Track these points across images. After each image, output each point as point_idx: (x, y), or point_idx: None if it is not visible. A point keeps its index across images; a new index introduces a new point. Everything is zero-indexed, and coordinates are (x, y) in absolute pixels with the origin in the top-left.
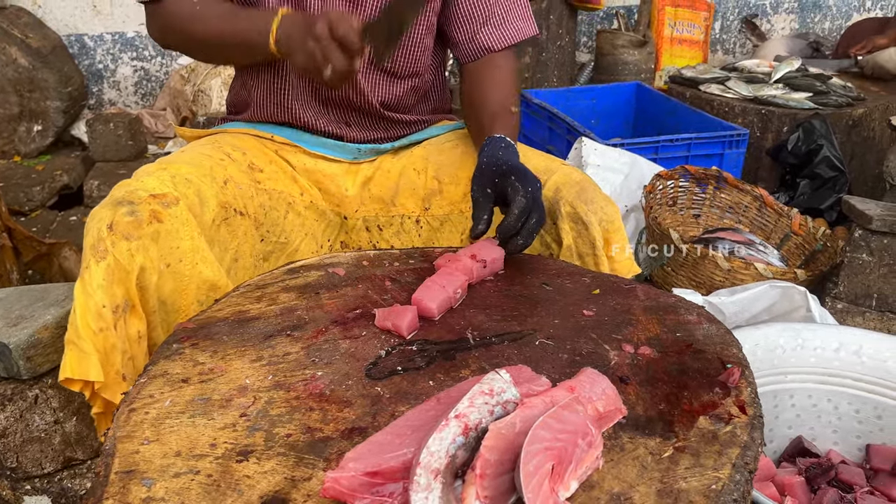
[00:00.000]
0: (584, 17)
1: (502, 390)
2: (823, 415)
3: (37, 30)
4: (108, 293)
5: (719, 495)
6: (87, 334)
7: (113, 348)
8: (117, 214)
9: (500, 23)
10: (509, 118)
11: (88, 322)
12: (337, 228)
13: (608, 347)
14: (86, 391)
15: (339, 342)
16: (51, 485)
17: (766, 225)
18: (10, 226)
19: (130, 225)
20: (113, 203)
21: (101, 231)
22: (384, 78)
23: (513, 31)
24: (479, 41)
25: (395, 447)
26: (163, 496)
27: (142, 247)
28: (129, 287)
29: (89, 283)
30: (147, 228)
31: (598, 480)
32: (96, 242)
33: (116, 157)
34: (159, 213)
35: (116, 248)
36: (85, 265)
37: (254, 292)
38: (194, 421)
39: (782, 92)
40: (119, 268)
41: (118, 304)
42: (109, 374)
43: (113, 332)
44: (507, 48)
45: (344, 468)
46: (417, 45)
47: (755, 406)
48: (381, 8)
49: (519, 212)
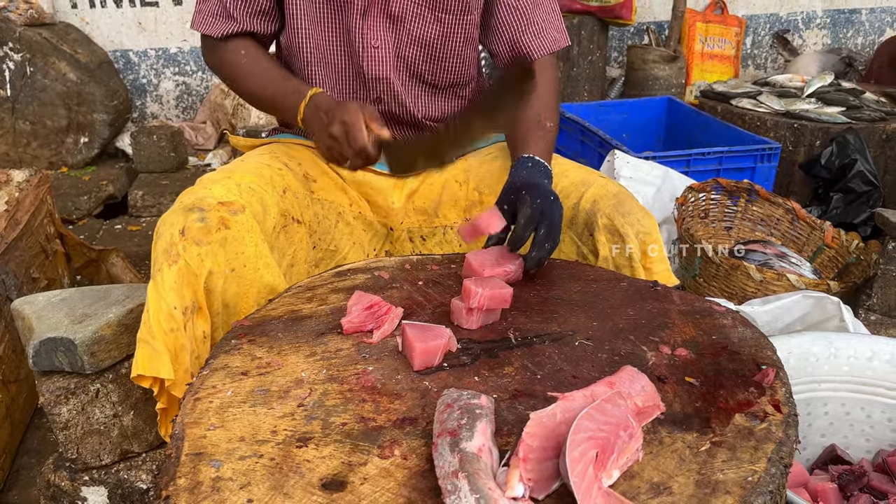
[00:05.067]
0: (614, 32)
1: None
2: (856, 423)
3: (84, 46)
4: (179, 295)
5: (755, 487)
6: (159, 334)
7: (182, 348)
8: (188, 220)
9: (539, 31)
10: (543, 133)
11: (161, 322)
12: (383, 238)
13: (646, 349)
14: (155, 387)
15: (386, 340)
16: (108, 476)
17: (799, 238)
18: (62, 232)
19: (201, 231)
20: (184, 209)
21: (173, 236)
22: (426, 90)
23: (550, 40)
24: (518, 50)
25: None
26: (231, 476)
27: (211, 252)
28: (198, 290)
29: (161, 285)
30: (216, 235)
31: (638, 471)
32: (169, 247)
33: (159, 168)
34: (227, 220)
35: (187, 252)
36: (157, 268)
37: (305, 293)
38: (255, 410)
39: (815, 106)
40: (189, 271)
41: (187, 306)
42: (178, 372)
43: (183, 333)
44: (545, 57)
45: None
46: (457, 57)
47: (790, 405)
48: (422, 29)
49: (525, 221)
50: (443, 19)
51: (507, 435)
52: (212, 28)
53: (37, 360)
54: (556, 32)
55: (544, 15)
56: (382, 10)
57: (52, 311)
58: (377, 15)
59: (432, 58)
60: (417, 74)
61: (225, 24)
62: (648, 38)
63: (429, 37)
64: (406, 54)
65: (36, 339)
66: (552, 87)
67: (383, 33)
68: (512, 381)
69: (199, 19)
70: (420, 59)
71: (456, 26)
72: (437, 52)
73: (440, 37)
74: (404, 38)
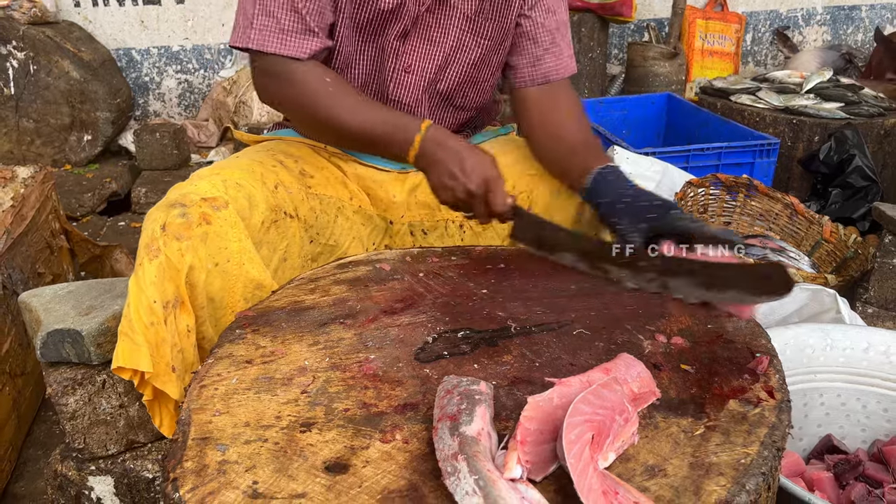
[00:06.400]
0: (615, 29)
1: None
2: (852, 413)
3: (87, 44)
4: (160, 289)
5: (748, 469)
6: (139, 327)
7: (163, 341)
8: (170, 216)
9: (560, 53)
10: (598, 146)
11: (141, 316)
12: (382, 232)
13: (642, 337)
14: (135, 379)
15: (388, 329)
16: (114, 466)
17: (797, 232)
18: (67, 228)
19: (181, 226)
20: (167, 205)
21: (154, 231)
22: (450, 111)
23: (567, 63)
24: (541, 67)
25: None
26: (236, 460)
27: (191, 247)
28: (179, 284)
29: (142, 279)
30: (196, 230)
31: (633, 454)
32: (150, 241)
33: (162, 165)
34: (209, 216)
35: (168, 247)
36: (139, 262)
37: (307, 285)
38: (259, 396)
39: (813, 102)
40: (170, 266)
41: (168, 300)
42: (160, 364)
43: (163, 327)
44: (565, 79)
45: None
46: (488, 81)
47: (783, 391)
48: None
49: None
50: (482, 45)
51: (505, 420)
52: (289, 47)
53: (44, 352)
54: (570, 59)
55: (564, 39)
56: (422, 35)
57: (59, 303)
58: (416, 39)
59: (467, 82)
60: (449, 98)
61: (306, 41)
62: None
63: (466, 62)
64: (439, 78)
65: (43, 330)
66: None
67: (419, 58)
68: (510, 369)
69: (263, 37)
70: (454, 84)
71: (493, 52)
72: (473, 76)
73: (478, 62)
74: (440, 63)
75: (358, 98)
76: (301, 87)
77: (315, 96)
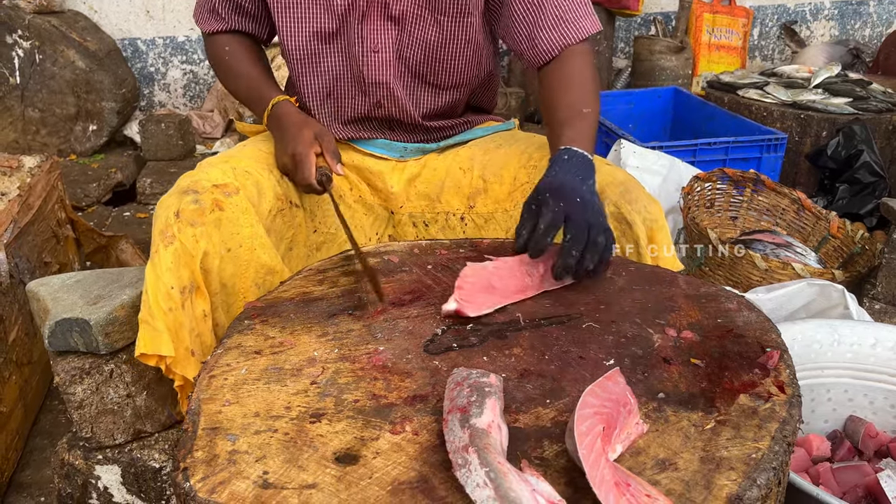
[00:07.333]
0: (621, 23)
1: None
2: (859, 409)
3: (93, 33)
4: (176, 275)
5: (759, 463)
6: (158, 313)
7: (181, 326)
8: (183, 202)
9: (555, 24)
10: (580, 121)
11: (159, 302)
12: (385, 222)
13: (652, 331)
14: (160, 365)
15: (397, 321)
16: (121, 455)
17: (804, 228)
18: (73, 218)
19: (195, 212)
20: (179, 192)
21: (168, 218)
22: (427, 91)
23: (573, 29)
24: (537, 45)
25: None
26: (246, 450)
27: (205, 233)
28: (195, 269)
29: (159, 265)
30: (210, 216)
31: (643, 447)
32: (164, 228)
33: (167, 156)
34: (221, 202)
35: (182, 233)
36: (154, 249)
37: (316, 276)
38: (269, 387)
39: (822, 97)
40: (185, 252)
41: (185, 286)
42: (179, 349)
43: (181, 312)
44: (569, 47)
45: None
46: (458, 59)
47: (793, 386)
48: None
49: (545, 227)
50: (441, 22)
51: (515, 412)
52: (203, 23)
53: (52, 341)
54: (580, 20)
55: (559, 3)
56: (382, 14)
57: (67, 292)
58: (377, 18)
59: (434, 59)
60: (420, 75)
61: (214, 21)
62: (655, 28)
63: (429, 39)
64: (408, 56)
65: (52, 319)
66: (587, 74)
67: (383, 37)
68: (520, 362)
69: (196, 12)
70: (422, 61)
71: (455, 28)
72: (438, 53)
73: (440, 39)
74: (405, 40)
75: (246, 72)
76: (209, 56)
77: (216, 65)
